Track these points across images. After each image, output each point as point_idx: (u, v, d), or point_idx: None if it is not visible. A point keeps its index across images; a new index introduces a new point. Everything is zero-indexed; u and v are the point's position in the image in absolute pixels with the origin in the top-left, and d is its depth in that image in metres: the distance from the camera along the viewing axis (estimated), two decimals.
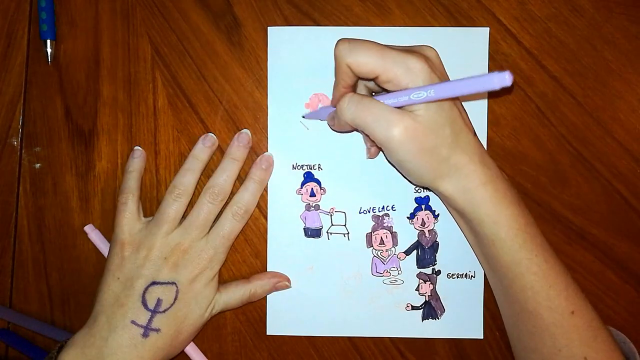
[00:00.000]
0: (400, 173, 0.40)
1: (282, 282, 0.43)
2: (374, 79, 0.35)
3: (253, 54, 0.44)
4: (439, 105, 0.34)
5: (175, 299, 0.39)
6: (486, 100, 0.43)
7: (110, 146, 0.44)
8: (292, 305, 0.44)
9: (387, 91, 0.36)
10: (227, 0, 0.44)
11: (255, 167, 0.43)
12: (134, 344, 0.38)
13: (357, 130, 0.40)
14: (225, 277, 0.44)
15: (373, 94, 0.41)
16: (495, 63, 0.43)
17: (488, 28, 0.43)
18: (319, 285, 0.44)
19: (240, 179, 0.43)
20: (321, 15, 0.44)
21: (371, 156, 0.44)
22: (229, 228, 0.41)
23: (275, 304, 0.44)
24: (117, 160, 0.44)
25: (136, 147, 0.44)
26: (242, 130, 0.44)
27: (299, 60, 0.44)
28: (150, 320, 0.38)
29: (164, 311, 0.39)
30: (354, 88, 0.38)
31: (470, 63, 0.43)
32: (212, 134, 0.44)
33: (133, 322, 0.38)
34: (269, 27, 0.44)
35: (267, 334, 0.44)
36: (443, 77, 0.36)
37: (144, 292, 0.39)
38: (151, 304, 0.38)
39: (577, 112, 0.44)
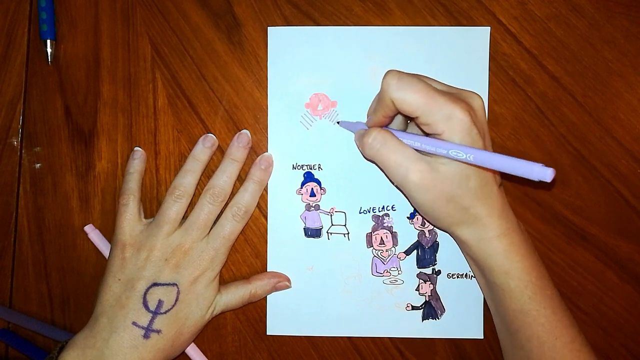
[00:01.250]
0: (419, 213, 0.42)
1: (282, 282, 0.43)
2: (413, 118, 0.35)
3: (253, 54, 0.44)
4: None
5: (177, 300, 0.39)
6: (486, 100, 0.43)
7: (110, 146, 0.44)
8: (292, 305, 0.44)
9: (424, 132, 0.36)
10: (227, 0, 0.44)
11: (255, 168, 0.43)
12: (135, 345, 0.38)
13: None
14: (225, 278, 0.44)
15: (408, 121, 0.41)
16: (496, 63, 0.43)
17: (489, 27, 0.43)
18: (319, 285, 0.44)
19: (241, 179, 0.43)
20: (321, 15, 0.44)
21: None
22: (230, 229, 0.41)
23: (275, 304, 0.44)
24: (117, 160, 0.44)
25: (136, 148, 0.44)
26: (242, 131, 0.44)
27: (299, 60, 0.44)
28: (151, 321, 0.38)
29: (165, 312, 0.39)
30: (392, 118, 0.38)
31: (470, 63, 0.43)
32: (212, 135, 0.44)
33: (134, 323, 0.38)
34: (269, 27, 0.44)
35: (267, 334, 0.44)
36: (483, 130, 0.35)
37: (145, 294, 0.39)
38: (152, 305, 0.38)
39: (577, 112, 0.44)
